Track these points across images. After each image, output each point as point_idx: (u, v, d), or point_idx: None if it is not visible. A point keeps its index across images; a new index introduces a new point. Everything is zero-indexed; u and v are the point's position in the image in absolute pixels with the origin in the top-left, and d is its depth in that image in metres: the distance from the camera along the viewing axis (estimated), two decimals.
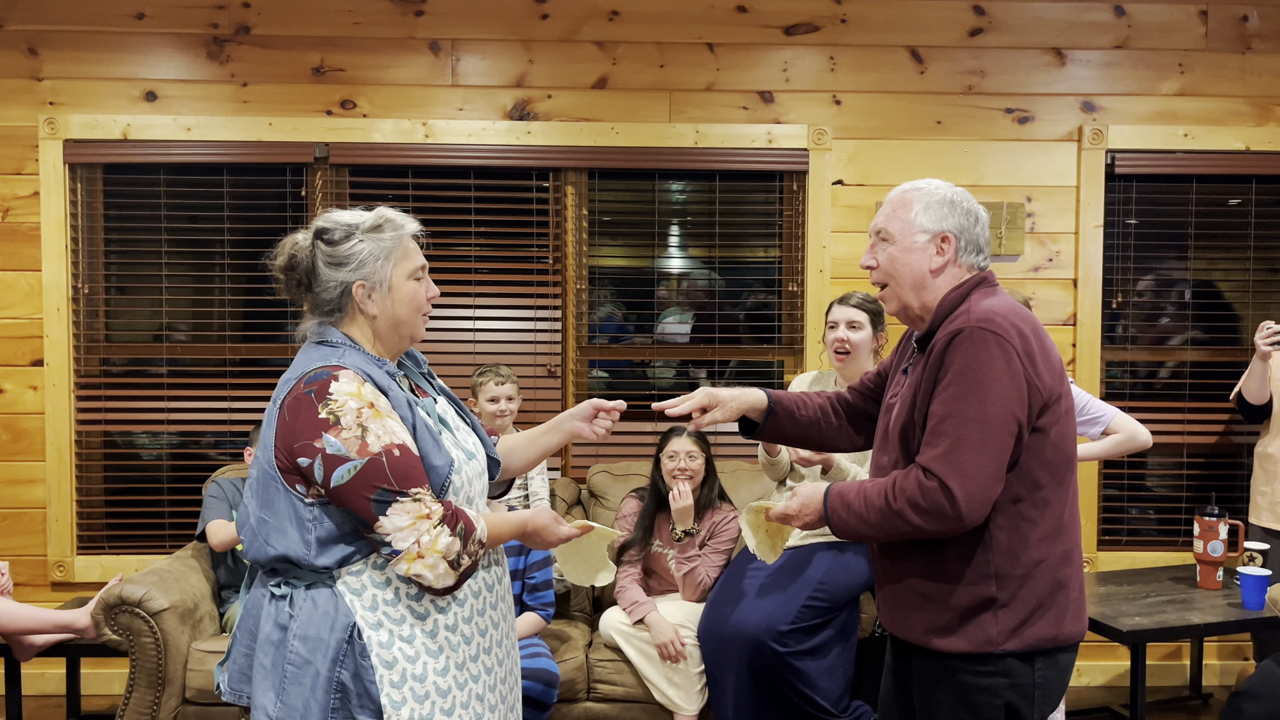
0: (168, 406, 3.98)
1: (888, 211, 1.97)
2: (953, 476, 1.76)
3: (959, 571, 1.85)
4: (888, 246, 1.96)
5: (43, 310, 3.90)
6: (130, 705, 3.07)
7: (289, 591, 1.79)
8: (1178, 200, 4.12)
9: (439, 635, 1.81)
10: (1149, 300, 4.17)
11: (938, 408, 1.81)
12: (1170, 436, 4.10)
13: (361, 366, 1.80)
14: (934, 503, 1.77)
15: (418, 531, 1.72)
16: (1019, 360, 1.79)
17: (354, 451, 1.71)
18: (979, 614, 1.84)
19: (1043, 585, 1.85)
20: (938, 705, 1.89)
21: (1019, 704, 1.86)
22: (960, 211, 1.93)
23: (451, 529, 1.74)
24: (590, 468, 3.95)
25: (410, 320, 1.89)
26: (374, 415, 1.74)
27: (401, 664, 1.77)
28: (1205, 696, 3.95)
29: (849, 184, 4.02)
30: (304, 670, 1.76)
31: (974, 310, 1.84)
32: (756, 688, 3.04)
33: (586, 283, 4.08)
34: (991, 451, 1.77)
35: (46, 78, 3.89)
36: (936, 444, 1.79)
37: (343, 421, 1.72)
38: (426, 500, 1.74)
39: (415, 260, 1.90)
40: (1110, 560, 4.08)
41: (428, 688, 1.79)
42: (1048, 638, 1.85)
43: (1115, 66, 4.05)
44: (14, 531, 3.94)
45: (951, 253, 1.92)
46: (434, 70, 3.96)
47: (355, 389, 1.75)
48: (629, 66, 3.99)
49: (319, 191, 3.98)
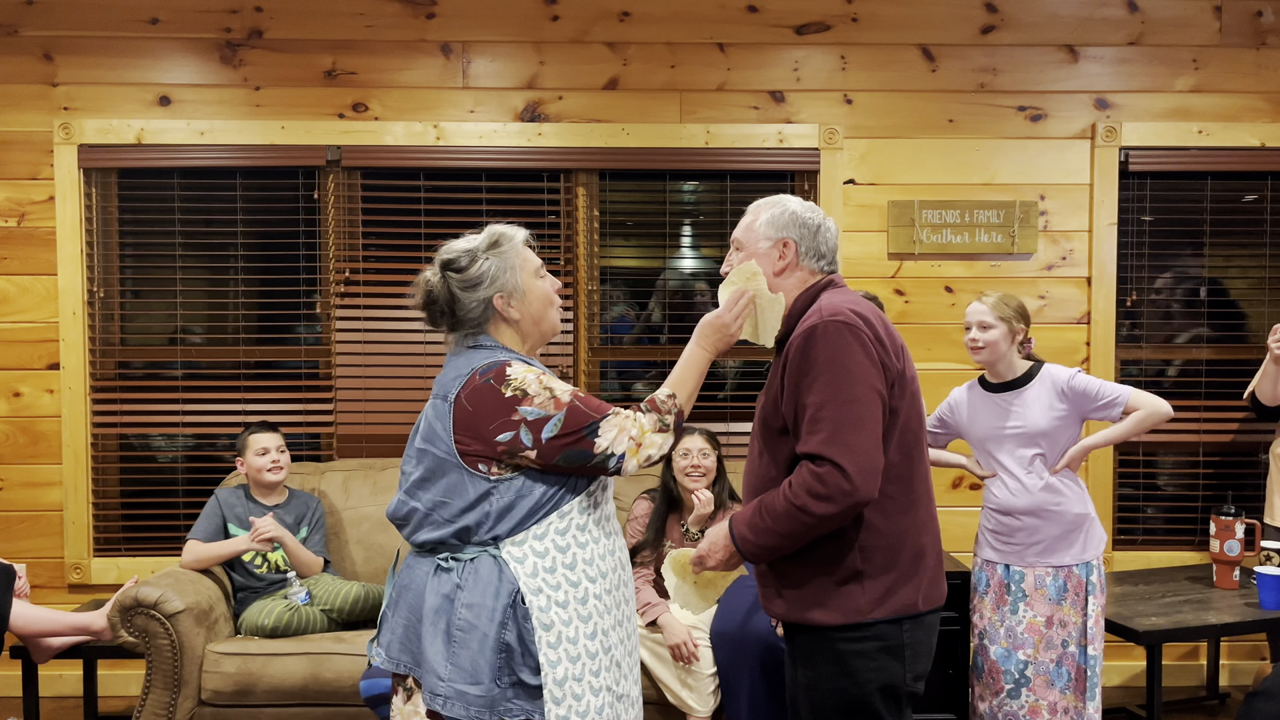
0: (183, 409, 4.00)
1: (742, 223, 2.16)
2: (843, 455, 1.88)
3: (827, 549, 1.98)
4: (739, 254, 2.15)
5: (59, 314, 3.92)
6: (146, 707, 3.09)
7: (454, 565, 2.00)
8: (1192, 197, 4.09)
9: (589, 602, 2.01)
10: (1164, 298, 4.15)
11: (811, 398, 1.93)
12: (1186, 435, 4.07)
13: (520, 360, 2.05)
14: (832, 485, 1.88)
15: (626, 431, 1.99)
16: (871, 345, 1.95)
17: (553, 408, 1.97)
18: (847, 585, 1.97)
19: (905, 555, 2.00)
20: (821, 676, 2.01)
21: (891, 666, 1.99)
22: (799, 221, 2.11)
23: (644, 412, 2.03)
24: None
25: (545, 314, 2.13)
26: (548, 380, 2.01)
27: (558, 627, 1.98)
28: (1222, 697, 3.93)
29: (860, 183, 4.02)
30: (471, 634, 1.95)
31: (824, 307, 1.99)
32: (770, 690, 3.04)
33: (598, 284, 4.08)
34: (869, 426, 1.91)
35: (61, 83, 3.92)
36: (817, 431, 1.91)
37: (530, 391, 1.97)
38: (620, 410, 2.02)
39: (534, 261, 2.13)
40: (1126, 560, 4.06)
41: (579, 650, 1.99)
42: (910, 603, 2.00)
43: (1129, 63, 4.03)
44: (31, 534, 3.97)
45: (792, 256, 2.10)
46: (445, 73, 3.97)
47: (525, 369, 2.01)
48: (640, 67, 3.99)
49: (331, 194, 3.99)
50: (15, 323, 3.94)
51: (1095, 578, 2.91)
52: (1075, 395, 2.92)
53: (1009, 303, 3.01)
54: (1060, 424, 2.92)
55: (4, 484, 3.96)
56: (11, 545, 3.93)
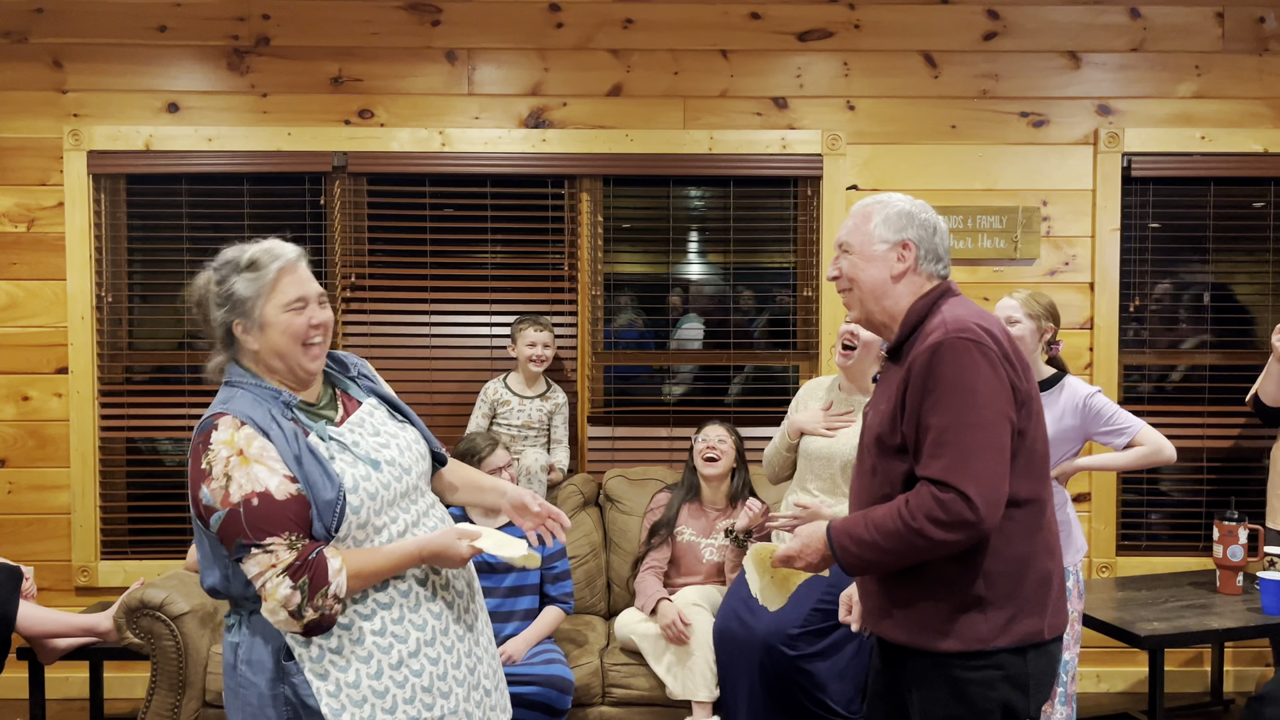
0: (189, 414, 4.03)
1: (850, 225, 2.04)
2: (968, 483, 1.78)
3: (948, 572, 1.88)
4: (850, 256, 2.03)
5: (67, 319, 3.96)
6: (151, 708, 3.11)
7: (234, 621, 1.91)
8: (1195, 203, 4.10)
9: (366, 642, 1.85)
10: (1167, 304, 4.15)
11: (935, 420, 1.83)
12: (1189, 441, 4.07)
13: (244, 410, 1.83)
14: (955, 513, 1.79)
15: (264, 580, 1.75)
16: (1000, 364, 1.85)
17: (219, 502, 1.77)
18: (968, 612, 1.87)
19: (1030, 581, 1.89)
20: (933, 702, 1.92)
21: (1013, 696, 1.89)
22: (918, 222, 2.01)
23: (294, 580, 1.74)
24: (605, 473, 3.97)
25: (291, 350, 1.90)
26: (240, 463, 1.78)
27: (334, 675, 1.83)
28: (1226, 702, 3.92)
29: (863, 189, 4.03)
30: (250, 691, 1.87)
31: (949, 320, 1.88)
32: (768, 691, 3.05)
33: (602, 289, 4.10)
34: (996, 454, 1.82)
35: (71, 90, 3.96)
36: (941, 455, 1.82)
37: (213, 472, 1.78)
38: (279, 551, 1.75)
39: (290, 292, 1.89)
40: (1129, 566, 4.05)
41: (363, 692, 1.84)
42: (1035, 632, 1.89)
43: (1131, 69, 4.04)
44: (39, 537, 4.00)
45: (912, 260, 1.99)
46: (450, 79, 4.00)
47: (229, 436, 1.80)
48: (643, 74, 4.02)
49: (338, 200, 4.02)
50: (24, 327, 3.97)
51: (1072, 583, 2.92)
52: (1088, 414, 2.93)
53: (1039, 300, 3.02)
54: (1063, 437, 2.92)
55: (13, 487, 3.99)
56: (20, 548, 3.96)
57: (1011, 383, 1.85)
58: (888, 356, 2.04)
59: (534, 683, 2.96)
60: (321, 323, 1.92)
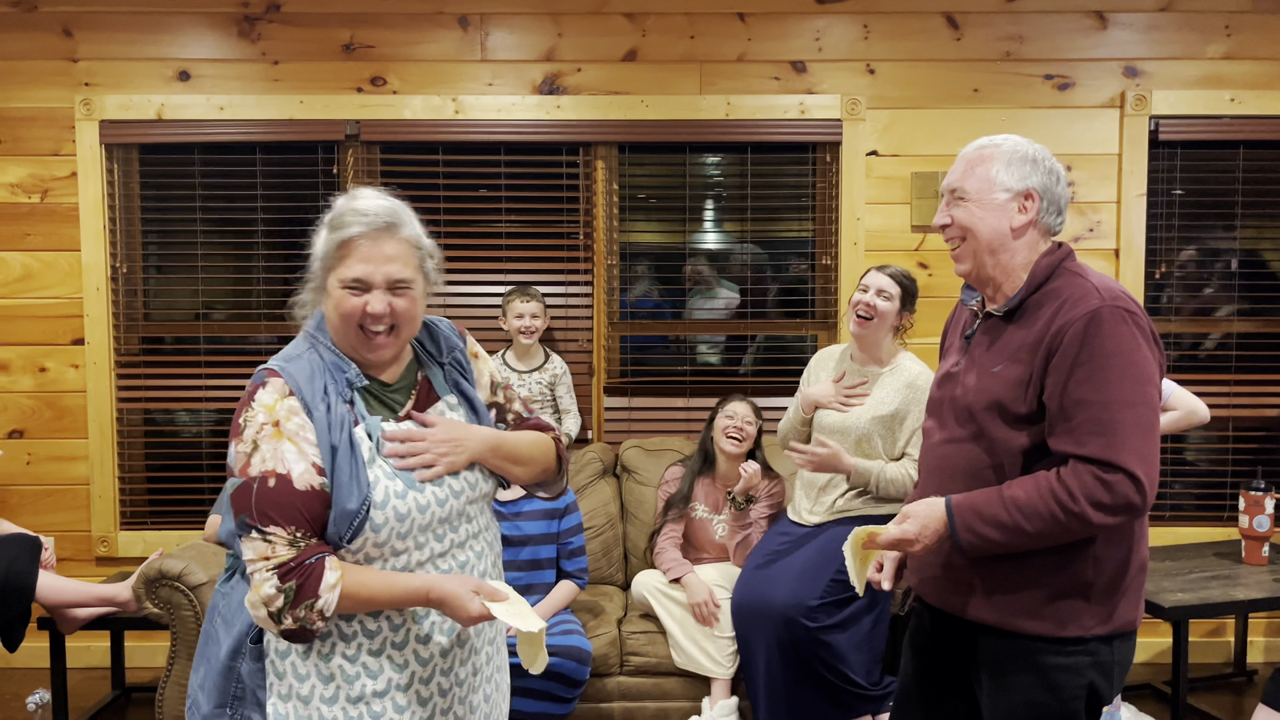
0: (206, 384, 4.03)
1: (962, 169, 1.88)
2: (1138, 464, 1.70)
3: (1058, 555, 1.78)
4: (965, 204, 1.87)
5: (82, 290, 3.95)
6: (172, 677, 3.12)
7: (231, 567, 1.81)
8: (1224, 167, 4.01)
9: (333, 661, 1.67)
10: (1193, 270, 4.07)
11: (1093, 394, 1.71)
12: (1215, 410, 3.98)
13: (298, 377, 1.66)
14: (1121, 495, 1.70)
15: (254, 568, 1.59)
16: (1153, 340, 1.77)
17: (238, 468, 1.62)
18: (1071, 598, 1.78)
19: (1133, 567, 1.82)
20: (1012, 688, 1.83)
21: (1099, 683, 1.82)
22: (1044, 169, 1.86)
23: (282, 582, 1.58)
24: (622, 443, 3.94)
25: (347, 333, 1.69)
26: (272, 435, 1.61)
27: (289, 679, 1.68)
28: (1249, 673, 3.88)
29: (883, 155, 3.96)
30: (212, 649, 1.76)
31: (1103, 289, 1.77)
32: (786, 662, 3.03)
33: (617, 259, 4.06)
34: (1153, 434, 1.74)
35: (82, 59, 3.92)
36: (1102, 433, 1.70)
37: (244, 434, 1.63)
38: (278, 544, 1.58)
39: (353, 270, 1.66)
40: (1153, 536, 4.00)
41: (310, 712, 1.67)
42: (1130, 620, 1.82)
43: (1159, 29, 3.94)
44: (58, 507, 4.01)
45: (1034, 212, 1.85)
46: (463, 45, 3.95)
47: (272, 401, 1.63)
48: (659, 38, 3.95)
49: (350, 168, 3.99)
50: (40, 298, 3.97)
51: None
52: None
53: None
54: None
55: (31, 458, 4.01)
56: (39, 518, 3.98)
57: (1158, 361, 1.78)
58: (997, 316, 1.88)
59: (552, 654, 2.95)
60: (379, 313, 1.66)
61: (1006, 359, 1.82)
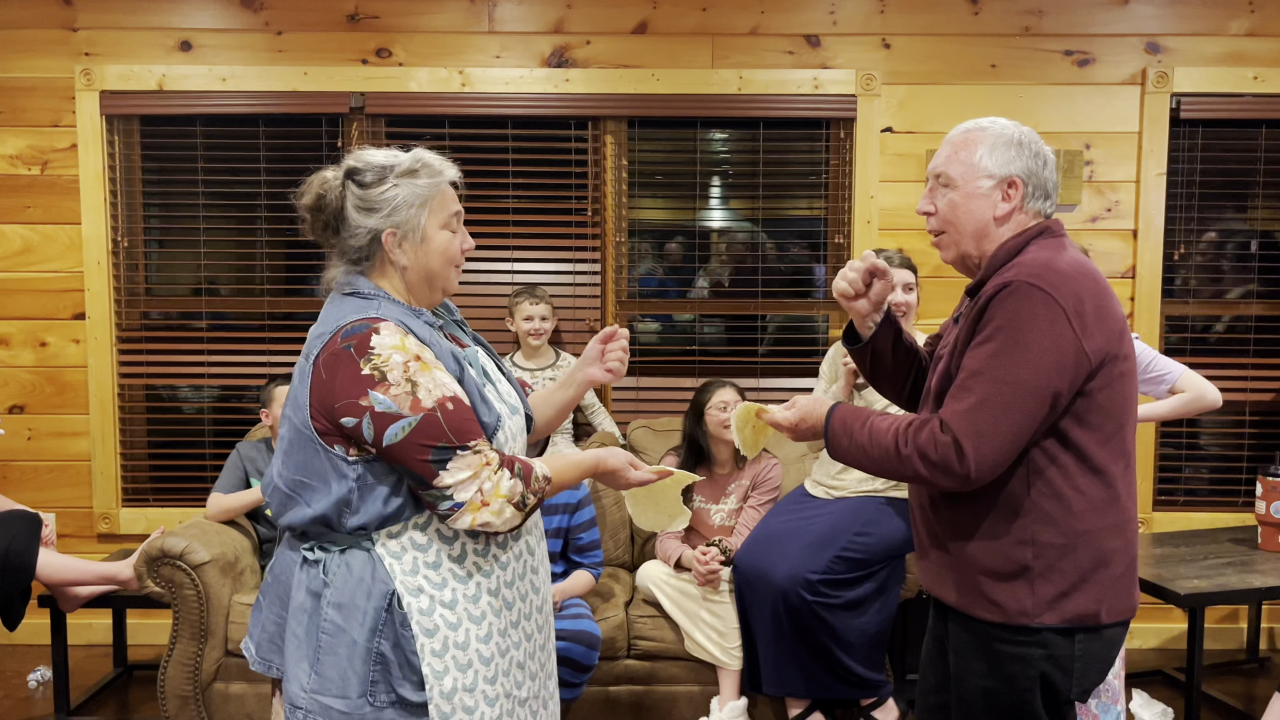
0: (208, 360, 3.98)
1: (947, 153, 1.83)
2: (968, 436, 1.67)
3: (994, 535, 1.76)
4: (948, 192, 1.83)
5: (83, 264, 3.90)
6: (174, 657, 3.09)
7: (322, 557, 1.70)
8: (1246, 146, 3.93)
9: (481, 600, 1.73)
10: (1213, 252, 4.00)
11: (970, 361, 1.71)
12: (1232, 394, 3.94)
13: (400, 318, 1.68)
14: (943, 457, 1.69)
15: (479, 480, 1.63)
16: (1067, 322, 1.67)
17: (406, 408, 1.60)
18: (1012, 580, 1.75)
19: (1085, 558, 1.74)
20: (971, 672, 1.83)
21: (1054, 675, 1.77)
22: (1029, 154, 1.80)
23: (511, 471, 1.66)
24: (630, 423, 3.89)
25: (443, 273, 1.77)
26: (422, 368, 1.63)
27: (443, 631, 1.69)
28: (1262, 660, 3.85)
29: (898, 131, 3.88)
30: (339, 639, 1.67)
31: (1028, 263, 1.71)
32: (782, 633, 3.01)
33: (626, 236, 3.99)
34: (1015, 417, 1.67)
35: (82, 28, 3.85)
36: (960, 399, 1.70)
37: (390, 377, 1.61)
38: (486, 450, 1.65)
39: (450, 208, 1.77)
40: (1166, 521, 3.96)
41: (470, 655, 1.71)
42: (1089, 614, 1.75)
43: (1181, 5, 3.85)
44: (60, 484, 3.97)
45: (1018, 199, 1.80)
46: (470, 17, 3.87)
47: (399, 341, 1.63)
48: (670, 10, 3.86)
49: (355, 142, 3.92)
50: (40, 272, 3.91)
51: None
52: None
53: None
54: None
55: (32, 433, 3.96)
56: (41, 494, 3.94)
57: (1075, 346, 1.67)
58: (967, 294, 1.88)
59: (562, 638, 2.92)
60: (468, 248, 1.83)
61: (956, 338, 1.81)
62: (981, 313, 1.71)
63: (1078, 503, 1.74)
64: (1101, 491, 1.75)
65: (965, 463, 1.68)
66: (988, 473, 1.69)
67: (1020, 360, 1.66)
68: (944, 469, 1.70)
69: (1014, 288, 1.68)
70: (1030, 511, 1.74)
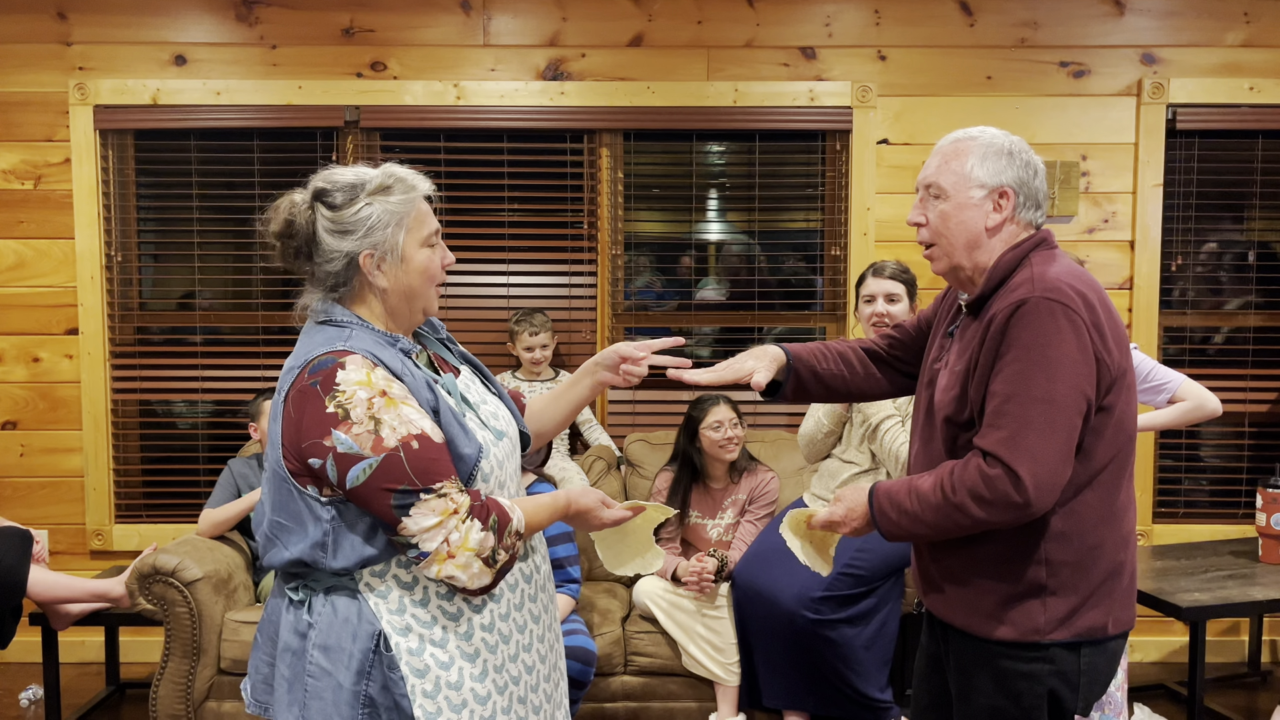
0: (202, 375, 3.96)
1: (937, 163, 1.81)
2: (1020, 462, 1.62)
3: (1008, 555, 1.72)
4: (938, 203, 1.80)
5: (76, 278, 3.88)
6: (165, 675, 3.06)
7: (306, 597, 1.64)
8: (1242, 157, 3.92)
9: (475, 637, 1.65)
10: (1210, 263, 3.99)
11: (1000, 386, 1.66)
12: (1231, 405, 3.92)
13: (370, 349, 1.60)
14: (999, 492, 1.63)
15: (446, 530, 1.54)
16: (1088, 334, 1.65)
17: (368, 448, 1.53)
18: (1025, 600, 1.72)
19: (1098, 572, 1.73)
20: (976, 690, 1.79)
21: (1062, 691, 1.75)
22: (1019, 163, 1.78)
23: (483, 522, 1.57)
24: (626, 436, 3.87)
25: (424, 292, 1.70)
26: (387, 404, 1.55)
27: (434, 671, 1.61)
28: (1264, 673, 3.82)
29: (894, 143, 3.88)
30: (325, 682, 1.60)
31: (1038, 278, 1.68)
32: (792, 658, 2.98)
33: (621, 248, 3.98)
34: (1060, 434, 1.63)
35: (76, 42, 3.84)
36: (1000, 427, 1.64)
37: (353, 415, 1.53)
38: (453, 494, 1.56)
39: (428, 225, 1.70)
40: (1166, 534, 3.94)
41: (464, 695, 1.63)
42: (1098, 627, 1.73)
43: (1177, 16, 3.85)
44: (52, 500, 3.94)
45: (1009, 209, 1.77)
46: (465, 30, 3.86)
47: (364, 376, 1.56)
48: (665, 23, 3.86)
49: (350, 155, 3.91)
50: (33, 287, 3.89)
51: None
52: None
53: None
54: None
55: (25, 450, 3.94)
56: (34, 511, 3.91)
57: (1098, 355, 1.66)
58: (966, 310, 1.82)
59: None
60: (449, 262, 1.74)
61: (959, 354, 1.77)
62: (1001, 334, 1.68)
63: (1089, 518, 1.72)
64: (1110, 504, 1.73)
65: (1023, 490, 1.62)
66: (1047, 498, 1.65)
67: (1052, 376, 1.63)
68: (1003, 504, 1.64)
69: (1031, 305, 1.65)
70: (1044, 531, 1.71)
